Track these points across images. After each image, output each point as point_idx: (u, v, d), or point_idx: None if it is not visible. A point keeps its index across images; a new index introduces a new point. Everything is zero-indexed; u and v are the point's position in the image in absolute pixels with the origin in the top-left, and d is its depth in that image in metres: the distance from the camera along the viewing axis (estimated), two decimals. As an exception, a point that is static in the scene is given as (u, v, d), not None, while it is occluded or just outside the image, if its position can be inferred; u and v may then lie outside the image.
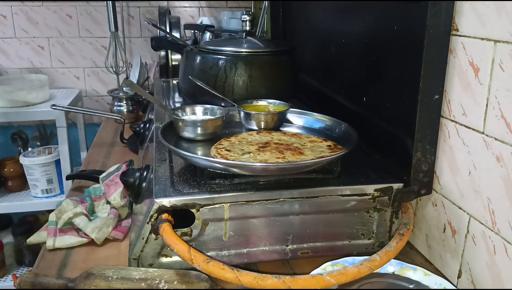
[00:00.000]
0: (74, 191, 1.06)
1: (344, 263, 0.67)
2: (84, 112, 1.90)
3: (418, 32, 0.66)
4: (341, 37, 1.00)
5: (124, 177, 0.78)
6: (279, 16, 1.57)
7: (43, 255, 0.78)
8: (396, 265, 0.69)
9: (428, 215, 0.77)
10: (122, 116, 1.45)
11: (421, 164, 0.72)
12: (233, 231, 0.70)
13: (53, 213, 0.86)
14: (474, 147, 0.64)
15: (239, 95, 1.06)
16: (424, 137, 0.70)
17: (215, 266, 0.61)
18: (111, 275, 0.65)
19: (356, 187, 0.71)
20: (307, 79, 1.25)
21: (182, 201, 0.66)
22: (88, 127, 2.17)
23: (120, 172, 0.89)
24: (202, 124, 0.84)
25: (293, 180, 0.71)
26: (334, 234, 0.74)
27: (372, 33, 0.87)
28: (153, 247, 0.68)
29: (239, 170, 0.68)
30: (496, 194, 0.61)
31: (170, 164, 0.78)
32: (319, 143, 0.81)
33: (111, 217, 0.84)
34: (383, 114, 0.83)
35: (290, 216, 0.71)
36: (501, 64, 0.58)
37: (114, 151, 1.38)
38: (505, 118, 0.58)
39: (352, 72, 0.98)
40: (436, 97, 0.69)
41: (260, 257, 0.72)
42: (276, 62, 1.11)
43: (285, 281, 0.60)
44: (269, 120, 0.91)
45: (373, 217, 0.73)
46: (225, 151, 0.76)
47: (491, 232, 0.62)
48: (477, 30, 0.62)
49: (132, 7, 2.16)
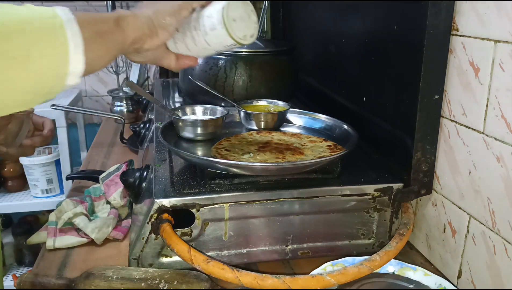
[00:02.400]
0: (74, 191, 1.06)
1: (344, 263, 0.67)
2: (84, 112, 1.90)
3: (418, 32, 0.66)
4: (341, 37, 1.00)
5: (124, 177, 0.78)
6: (279, 16, 1.57)
7: (43, 255, 0.78)
8: (396, 265, 0.69)
9: (428, 215, 0.77)
10: (122, 116, 1.45)
11: (421, 164, 0.72)
12: (233, 231, 0.70)
13: (53, 213, 0.85)
14: (474, 147, 0.64)
15: (239, 95, 1.06)
16: (424, 137, 0.71)
17: (215, 266, 0.61)
18: (111, 275, 0.64)
19: (356, 187, 0.71)
20: (307, 79, 1.25)
21: (182, 201, 0.66)
22: (88, 127, 2.17)
23: (120, 172, 0.89)
24: (202, 124, 0.84)
25: (293, 180, 0.71)
26: (334, 234, 0.74)
27: (372, 33, 0.87)
28: (153, 247, 0.68)
29: (239, 170, 0.68)
30: (496, 194, 0.61)
31: (170, 164, 0.78)
32: (319, 143, 0.81)
33: (111, 217, 0.84)
34: (383, 114, 0.83)
35: (290, 216, 0.71)
36: (501, 64, 0.58)
37: (114, 151, 1.38)
38: (505, 118, 0.58)
39: (352, 72, 0.98)
40: (436, 97, 0.69)
41: (260, 257, 0.72)
42: (276, 62, 1.11)
43: (285, 281, 0.60)
44: (269, 120, 0.91)
45: (373, 217, 0.73)
46: (225, 151, 0.76)
47: (491, 232, 0.62)
48: (477, 30, 0.62)
49: (132, 7, 2.15)
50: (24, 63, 0.43)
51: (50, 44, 0.44)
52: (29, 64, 0.43)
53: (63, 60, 0.45)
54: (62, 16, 0.45)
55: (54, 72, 0.45)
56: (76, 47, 0.45)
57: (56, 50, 0.44)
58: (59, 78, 0.46)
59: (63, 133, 1.77)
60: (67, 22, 0.45)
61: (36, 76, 0.44)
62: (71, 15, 0.46)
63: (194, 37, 0.60)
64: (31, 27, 0.43)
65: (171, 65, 0.62)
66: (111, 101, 1.72)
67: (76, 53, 0.45)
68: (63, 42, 0.45)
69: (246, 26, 0.60)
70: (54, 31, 0.44)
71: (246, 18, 0.60)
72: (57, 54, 0.45)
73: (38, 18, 0.44)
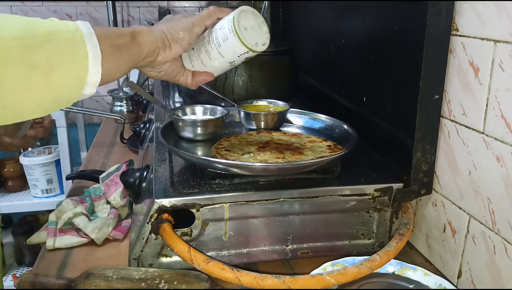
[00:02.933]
0: (74, 191, 1.06)
1: (344, 263, 0.67)
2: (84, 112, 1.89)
3: (418, 32, 0.66)
4: (341, 37, 1.00)
5: (124, 177, 0.78)
6: (279, 16, 1.57)
7: (43, 255, 0.78)
8: (396, 265, 0.69)
9: (428, 215, 0.77)
10: (122, 116, 1.45)
11: (421, 164, 0.72)
12: (233, 231, 0.70)
13: (53, 213, 0.86)
14: (474, 147, 0.64)
15: (239, 95, 1.06)
16: (424, 137, 0.71)
17: (215, 266, 0.61)
18: (111, 275, 0.64)
19: (356, 187, 0.71)
20: (307, 79, 1.25)
21: (182, 201, 0.66)
22: (88, 127, 2.17)
23: (120, 172, 0.89)
24: (202, 124, 0.84)
25: (293, 180, 0.71)
26: (334, 234, 0.74)
27: (372, 33, 0.87)
28: (153, 247, 0.68)
29: (239, 170, 0.68)
30: (496, 194, 0.61)
31: (170, 164, 0.78)
32: (319, 143, 0.81)
33: (111, 217, 0.84)
34: (383, 114, 0.83)
35: (290, 216, 0.71)
36: (501, 64, 0.58)
37: (114, 151, 1.38)
38: (505, 118, 0.58)
39: (352, 72, 0.98)
40: (436, 97, 0.69)
41: (260, 257, 0.72)
42: (276, 62, 1.11)
43: (285, 281, 0.60)
44: (269, 120, 0.91)
45: (373, 217, 0.73)
46: (225, 151, 0.76)
47: (491, 232, 0.62)
48: (477, 30, 0.62)
49: (132, 7, 2.16)
50: (48, 73, 0.44)
51: (72, 55, 0.46)
52: (52, 74, 0.45)
53: (82, 70, 0.47)
54: (83, 29, 0.48)
55: (73, 82, 0.47)
56: (95, 59, 0.48)
57: (77, 61, 0.47)
58: (78, 87, 0.48)
59: (63, 133, 1.77)
60: (87, 35, 0.47)
61: (57, 85, 0.46)
62: (91, 28, 0.48)
63: (208, 50, 0.63)
64: (57, 39, 0.45)
65: (187, 82, 0.66)
66: (111, 101, 1.72)
67: (94, 65, 0.48)
68: (83, 54, 0.47)
69: (258, 35, 0.62)
70: (76, 43, 0.47)
71: (257, 28, 0.63)
72: (77, 65, 0.47)
73: (63, 31, 0.46)
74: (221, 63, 0.64)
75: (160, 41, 0.58)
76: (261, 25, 0.63)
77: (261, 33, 0.63)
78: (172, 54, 0.59)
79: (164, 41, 0.58)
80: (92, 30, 0.48)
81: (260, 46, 0.62)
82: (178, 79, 0.65)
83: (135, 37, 0.55)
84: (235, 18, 0.60)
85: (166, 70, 0.62)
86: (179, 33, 0.59)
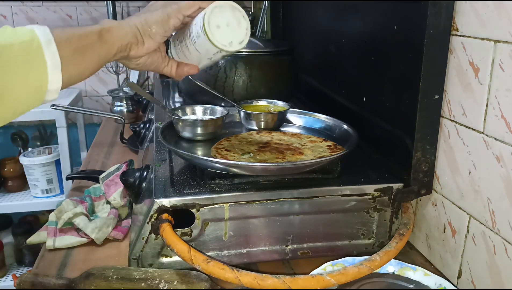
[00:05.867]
0: (74, 191, 1.06)
1: (344, 263, 0.67)
2: (84, 112, 1.90)
3: (418, 32, 0.66)
4: (341, 37, 1.00)
5: (124, 177, 0.78)
6: (279, 16, 1.57)
7: (43, 255, 0.78)
8: (396, 265, 0.69)
9: (428, 215, 0.77)
10: (122, 116, 1.45)
11: (421, 164, 0.72)
12: (233, 231, 0.70)
13: (53, 213, 0.85)
14: (474, 147, 0.64)
15: (239, 95, 1.06)
16: (424, 137, 0.71)
17: (215, 266, 0.61)
18: (111, 275, 0.65)
19: (356, 187, 0.71)
20: (307, 79, 1.25)
21: (182, 201, 0.66)
22: (88, 127, 2.17)
23: (120, 172, 0.89)
24: (202, 124, 0.84)
25: (293, 180, 0.71)
26: (334, 234, 0.74)
27: (372, 33, 0.87)
28: (153, 247, 0.68)
29: (239, 170, 0.68)
30: (496, 194, 0.61)
31: (170, 164, 0.78)
32: (319, 143, 0.81)
33: (111, 217, 0.84)
34: (383, 114, 0.83)
35: (290, 216, 0.71)
36: (501, 64, 0.58)
37: (114, 151, 1.38)
38: (505, 118, 0.58)
39: (352, 72, 0.98)
40: (436, 97, 0.69)
41: (260, 257, 0.72)
42: (276, 62, 1.11)
43: (285, 281, 0.60)
44: (269, 120, 0.91)
45: (373, 217, 0.73)
46: (225, 151, 0.76)
47: (491, 232, 0.62)
48: (477, 30, 0.62)
49: (132, 7, 2.16)
50: (1, 92, 0.43)
51: (27, 69, 0.45)
52: (4, 94, 0.43)
53: (41, 80, 0.46)
54: (40, 37, 0.46)
55: (31, 93, 0.46)
56: (54, 67, 0.46)
57: (34, 72, 0.45)
58: (37, 97, 0.47)
59: (63, 133, 1.77)
60: (45, 43, 0.46)
61: (12, 101, 0.45)
62: (50, 34, 0.46)
63: (187, 45, 0.60)
64: (7, 55, 0.43)
65: (172, 72, 0.64)
66: (111, 101, 1.72)
67: (54, 73, 0.47)
68: (41, 64, 0.45)
69: (234, 33, 0.58)
70: (32, 55, 0.45)
71: (235, 24, 0.58)
72: (34, 76, 0.46)
73: (16, 43, 0.44)
74: (200, 58, 0.62)
75: (131, 36, 0.55)
76: (240, 21, 0.58)
77: (239, 29, 0.58)
78: (145, 49, 0.57)
79: (137, 36, 0.56)
80: (51, 36, 0.46)
81: (235, 45, 0.58)
82: (162, 69, 0.63)
83: (102, 36, 0.53)
84: (206, 16, 0.56)
85: (144, 63, 0.60)
86: (152, 27, 0.56)
